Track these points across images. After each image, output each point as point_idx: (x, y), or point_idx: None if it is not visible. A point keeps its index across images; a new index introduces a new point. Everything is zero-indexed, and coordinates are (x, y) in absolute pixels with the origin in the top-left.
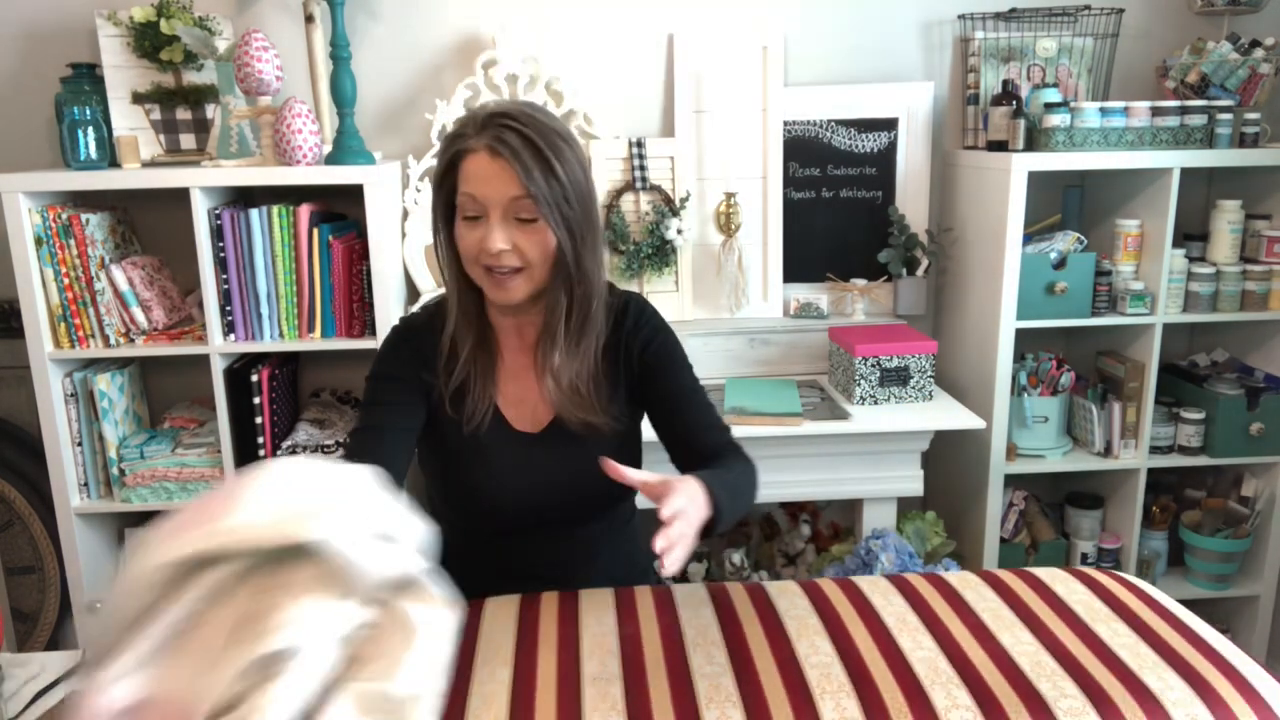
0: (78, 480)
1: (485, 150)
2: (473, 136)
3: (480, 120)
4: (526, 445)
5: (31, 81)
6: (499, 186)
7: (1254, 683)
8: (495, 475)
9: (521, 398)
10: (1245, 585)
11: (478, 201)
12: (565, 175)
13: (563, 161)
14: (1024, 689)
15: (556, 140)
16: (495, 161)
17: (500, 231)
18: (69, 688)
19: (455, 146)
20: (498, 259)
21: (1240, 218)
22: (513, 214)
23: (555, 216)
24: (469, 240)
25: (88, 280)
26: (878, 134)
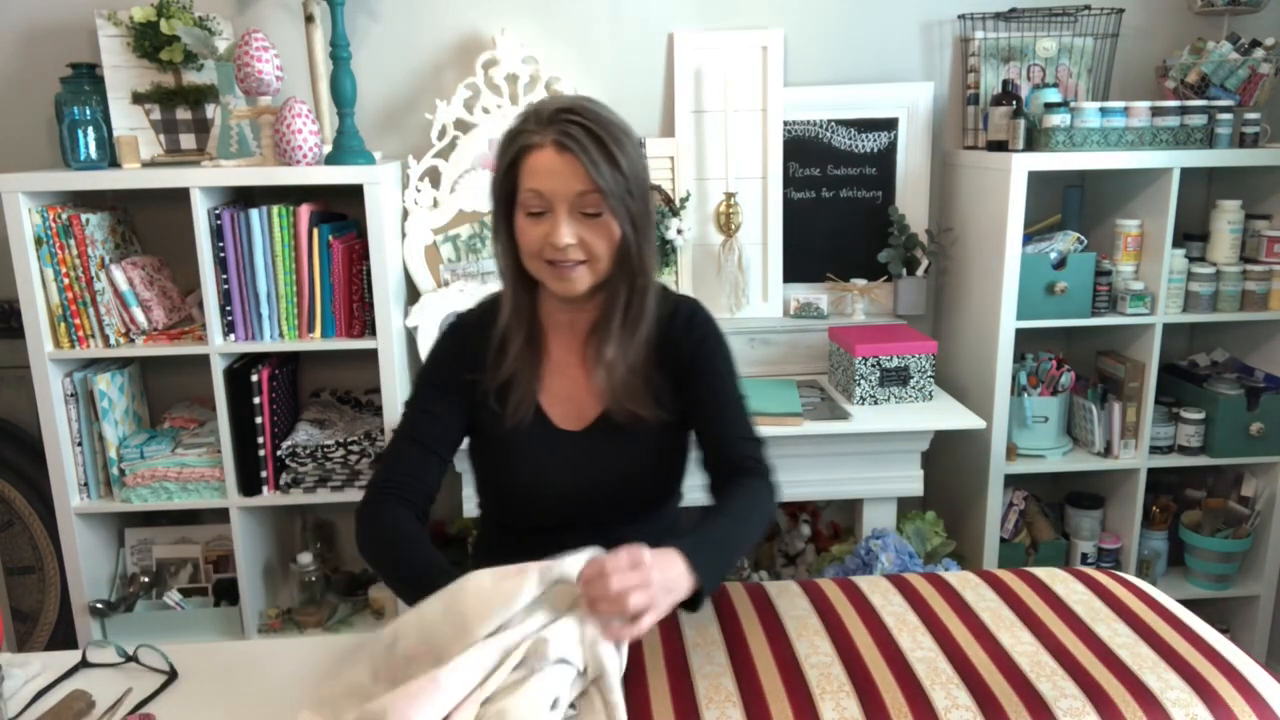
0: (78, 480)
1: (552, 145)
2: (536, 132)
3: (545, 116)
4: (568, 443)
5: (31, 81)
6: (566, 181)
7: (1254, 683)
8: (534, 471)
9: (567, 394)
10: (1245, 585)
11: (543, 197)
12: (628, 168)
13: (625, 154)
14: (1024, 689)
15: (618, 133)
16: (562, 156)
17: (567, 225)
18: (69, 687)
19: (519, 143)
20: (564, 253)
21: (1240, 218)
22: (579, 208)
23: (620, 209)
24: (533, 235)
25: (88, 280)
26: (878, 134)
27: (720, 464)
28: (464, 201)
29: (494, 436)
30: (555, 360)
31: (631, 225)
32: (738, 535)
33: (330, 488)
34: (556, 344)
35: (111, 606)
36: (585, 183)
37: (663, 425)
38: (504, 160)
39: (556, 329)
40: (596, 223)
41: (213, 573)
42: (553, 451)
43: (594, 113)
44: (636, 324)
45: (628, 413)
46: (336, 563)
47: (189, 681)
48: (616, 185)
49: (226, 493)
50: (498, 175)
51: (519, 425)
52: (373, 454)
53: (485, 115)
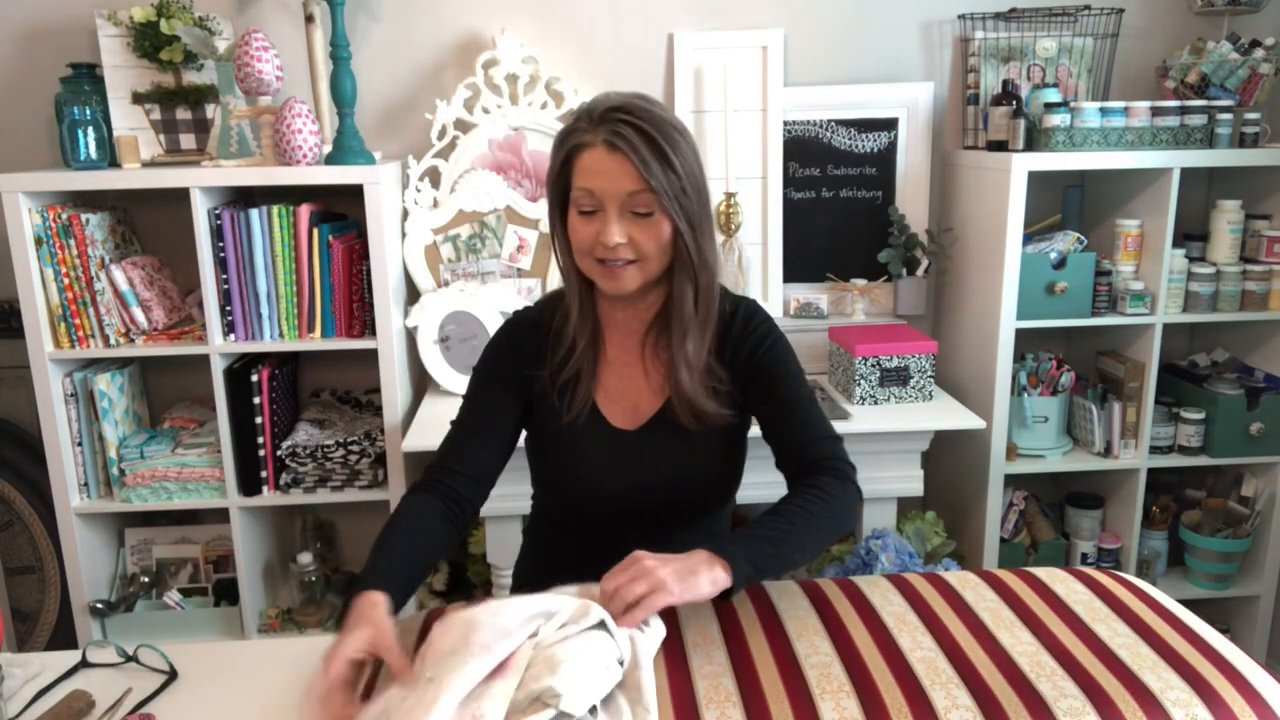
0: (78, 480)
1: (602, 145)
2: (588, 131)
3: (597, 115)
4: (622, 442)
5: (31, 81)
6: (617, 181)
7: (1254, 683)
8: (587, 470)
9: (622, 393)
10: (1245, 585)
11: (594, 196)
12: (681, 167)
13: (679, 153)
14: (1024, 689)
15: (671, 132)
16: (613, 156)
17: (617, 225)
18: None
19: (571, 141)
20: (613, 252)
21: (1240, 218)
22: (629, 208)
23: (675, 208)
24: (584, 233)
25: (88, 280)
26: (878, 134)
27: (798, 464)
28: (464, 201)
29: (550, 432)
30: (611, 359)
31: (687, 224)
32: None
33: (330, 488)
34: (612, 342)
35: (111, 606)
36: (636, 182)
37: (719, 426)
38: (557, 159)
39: (612, 327)
40: (648, 222)
41: (213, 573)
42: (607, 450)
43: (646, 111)
44: (706, 320)
45: (690, 411)
46: (336, 563)
47: (189, 681)
48: (669, 184)
49: (226, 493)
50: (552, 174)
51: (575, 422)
52: (373, 454)
53: (485, 115)
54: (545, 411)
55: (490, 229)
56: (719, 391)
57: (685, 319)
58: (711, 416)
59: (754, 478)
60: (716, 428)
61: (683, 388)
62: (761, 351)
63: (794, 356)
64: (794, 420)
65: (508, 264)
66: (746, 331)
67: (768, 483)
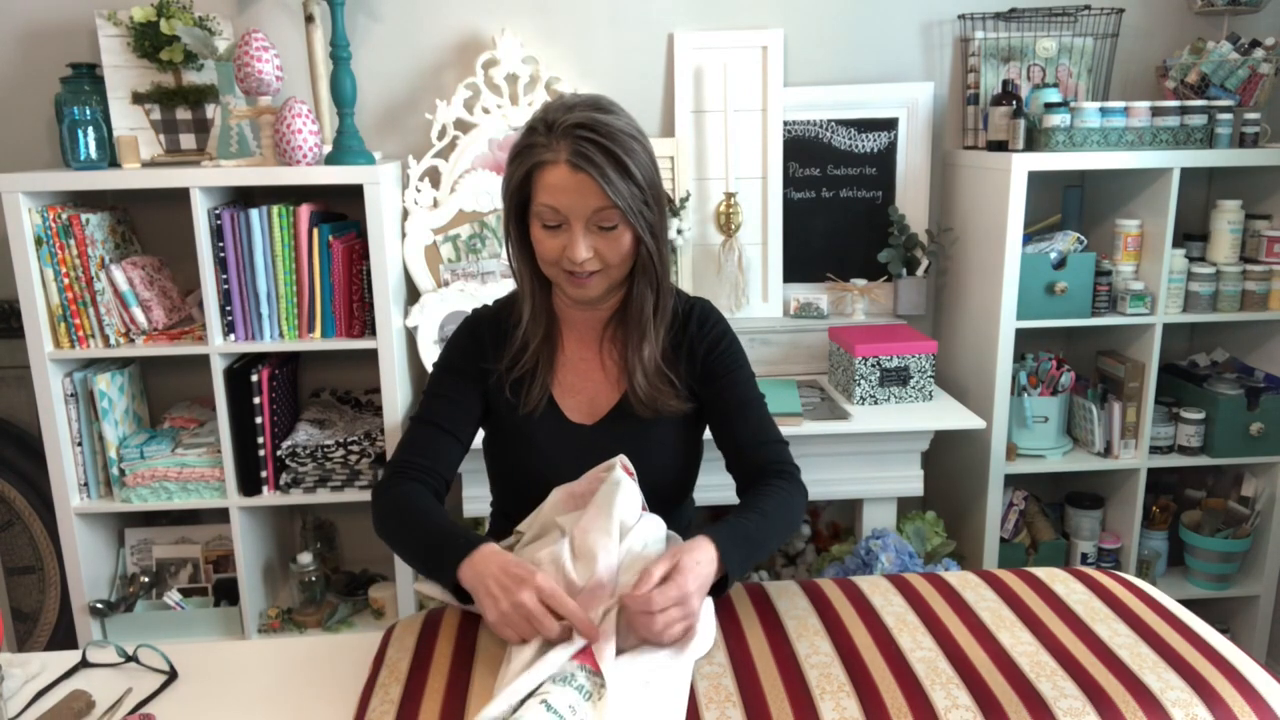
0: (78, 480)
1: (566, 165)
2: (549, 148)
3: (557, 129)
4: (579, 436)
5: (31, 81)
6: (582, 199)
7: (1254, 683)
8: (544, 464)
9: (579, 388)
10: (1245, 585)
11: (559, 213)
12: (641, 177)
13: (638, 164)
14: (1024, 689)
15: (630, 142)
16: (576, 175)
17: (584, 241)
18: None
19: (533, 158)
20: (581, 265)
21: (1240, 218)
22: (594, 223)
23: (639, 222)
24: (549, 246)
25: (88, 280)
26: (878, 134)
27: (748, 467)
28: (464, 201)
29: (507, 426)
30: (569, 354)
31: (650, 233)
32: (768, 531)
33: (330, 488)
34: (571, 339)
35: (111, 606)
36: (601, 200)
37: (675, 420)
38: (517, 172)
39: (571, 325)
40: (612, 234)
41: (213, 573)
42: (564, 444)
43: (606, 125)
44: (664, 321)
45: (651, 407)
46: (336, 563)
47: (189, 681)
48: (632, 198)
49: (226, 493)
50: (510, 185)
51: (532, 416)
52: (373, 454)
53: (485, 115)
54: (503, 406)
55: (490, 229)
56: (676, 388)
57: (644, 323)
58: (668, 412)
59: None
60: (673, 422)
61: (638, 390)
62: (717, 353)
63: (746, 359)
64: (746, 424)
65: (508, 264)
66: (702, 332)
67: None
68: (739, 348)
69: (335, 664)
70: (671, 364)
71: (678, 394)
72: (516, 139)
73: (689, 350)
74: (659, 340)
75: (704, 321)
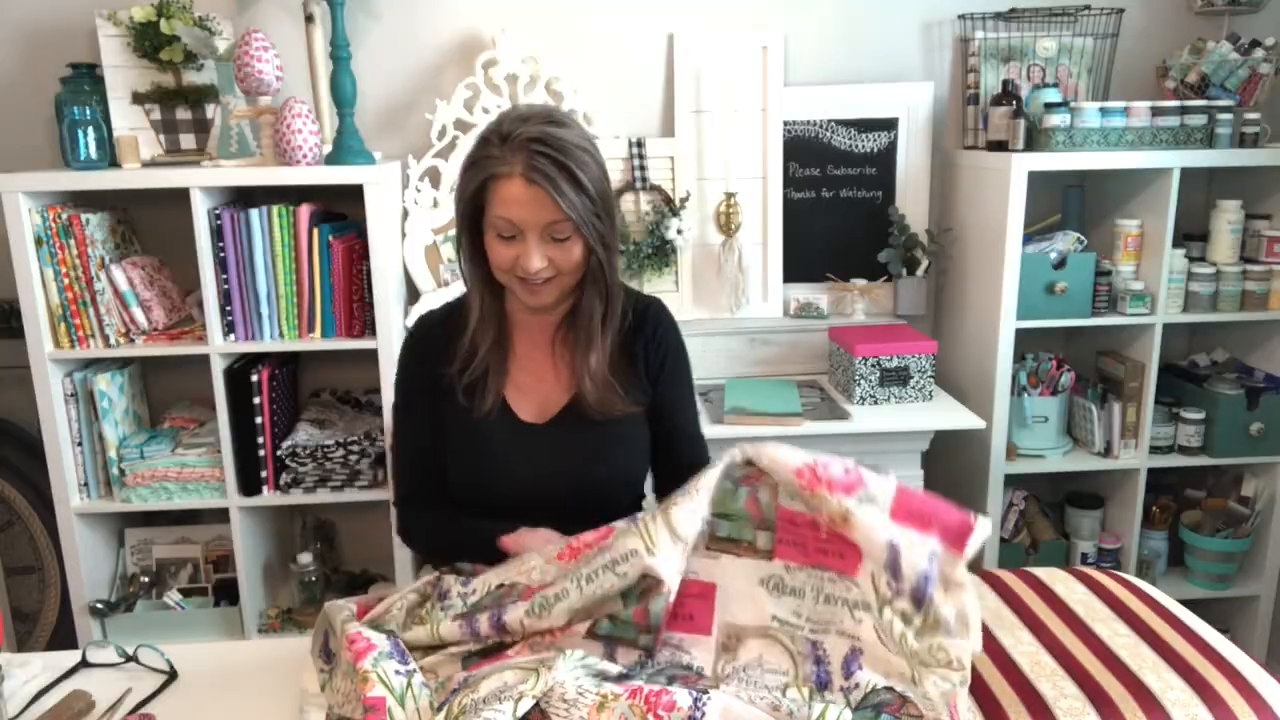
0: (78, 480)
1: (520, 178)
2: (503, 161)
3: (512, 142)
4: (531, 435)
5: (31, 81)
6: (536, 212)
7: (1254, 683)
8: (498, 463)
9: (532, 388)
10: (1245, 585)
11: (514, 224)
12: (594, 189)
13: (589, 176)
14: (1024, 689)
15: (582, 155)
16: (530, 189)
17: (538, 252)
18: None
19: (488, 170)
20: (535, 275)
21: (1240, 218)
22: (549, 234)
23: (591, 233)
24: (503, 256)
25: (88, 280)
26: (878, 134)
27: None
28: None
29: (461, 429)
30: (520, 356)
31: (601, 244)
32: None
33: (330, 488)
34: (521, 340)
35: (111, 606)
36: (555, 213)
37: (626, 418)
38: (471, 183)
39: (522, 327)
40: (565, 244)
41: (213, 573)
42: (517, 443)
43: (559, 140)
44: (611, 328)
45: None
46: (336, 563)
47: (189, 681)
48: (585, 210)
49: (226, 493)
50: (464, 197)
51: (485, 418)
52: (373, 454)
53: (485, 115)
54: (454, 409)
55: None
56: (621, 396)
57: (592, 330)
58: (618, 411)
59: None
60: (625, 420)
61: (587, 395)
62: (670, 356)
63: (689, 362)
64: (679, 420)
65: None
66: (656, 335)
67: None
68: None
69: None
70: (622, 366)
71: (624, 400)
72: (470, 150)
73: (644, 347)
74: (606, 347)
75: (658, 324)
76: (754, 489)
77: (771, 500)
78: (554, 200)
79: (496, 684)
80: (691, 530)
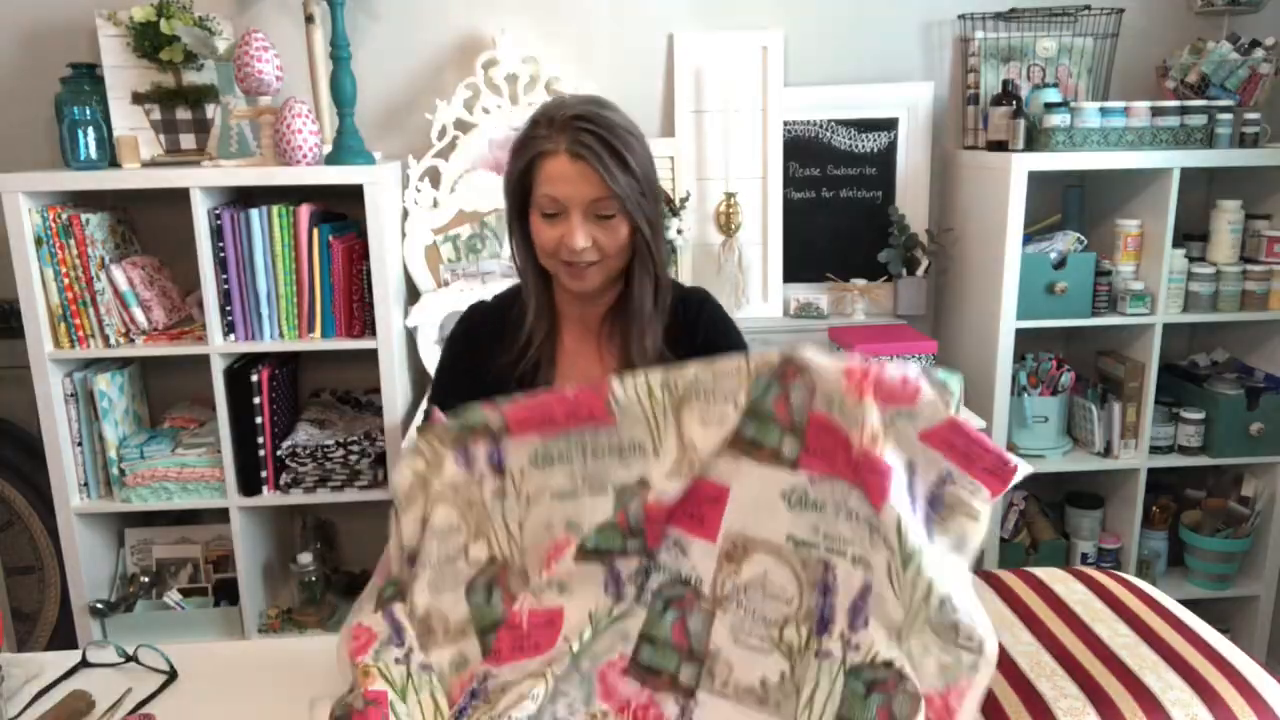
0: (78, 480)
1: (566, 154)
2: (549, 139)
3: (558, 122)
4: None
5: (31, 81)
6: (581, 188)
7: (1254, 683)
8: None
9: (578, 380)
10: (1245, 585)
11: (559, 202)
12: (639, 170)
13: (635, 158)
14: (1024, 689)
15: (628, 137)
16: (576, 164)
17: (582, 230)
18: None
19: (534, 149)
20: (579, 255)
21: (1240, 218)
22: (593, 212)
23: (637, 212)
24: (548, 236)
25: (88, 280)
26: (878, 134)
27: None
28: (464, 201)
29: None
30: (568, 349)
31: (647, 224)
32: None
33: (330, 488)
34: (569, 334)
35: (111, 606)
36: (600, 189)
37: None
38: (518, 164)
39: (569, 321)
40: (609, 224)
41: (213, 573)
42: None
43: (605, 119)
44: (663, 314)
45: None
46: (336, 563)
47: (189, 681)
48: (630, 189)
49: (226, 493)
50: (512, 178)
51: None
52: (373, 454)
53: (485, 115)
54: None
55: (490, 229)
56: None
57: (644, 316)
58: None
59: None
60: None
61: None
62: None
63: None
64: None
65: (508, 264)
66: (698, 317)
67: None
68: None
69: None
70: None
71: None
72: (518, 135)
73: (687, 336)
74: (658, 334)
75: (701, 307)
76: (787, 388)
77: (805, 402)
78: (599, 175)
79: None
80: (708, 449)
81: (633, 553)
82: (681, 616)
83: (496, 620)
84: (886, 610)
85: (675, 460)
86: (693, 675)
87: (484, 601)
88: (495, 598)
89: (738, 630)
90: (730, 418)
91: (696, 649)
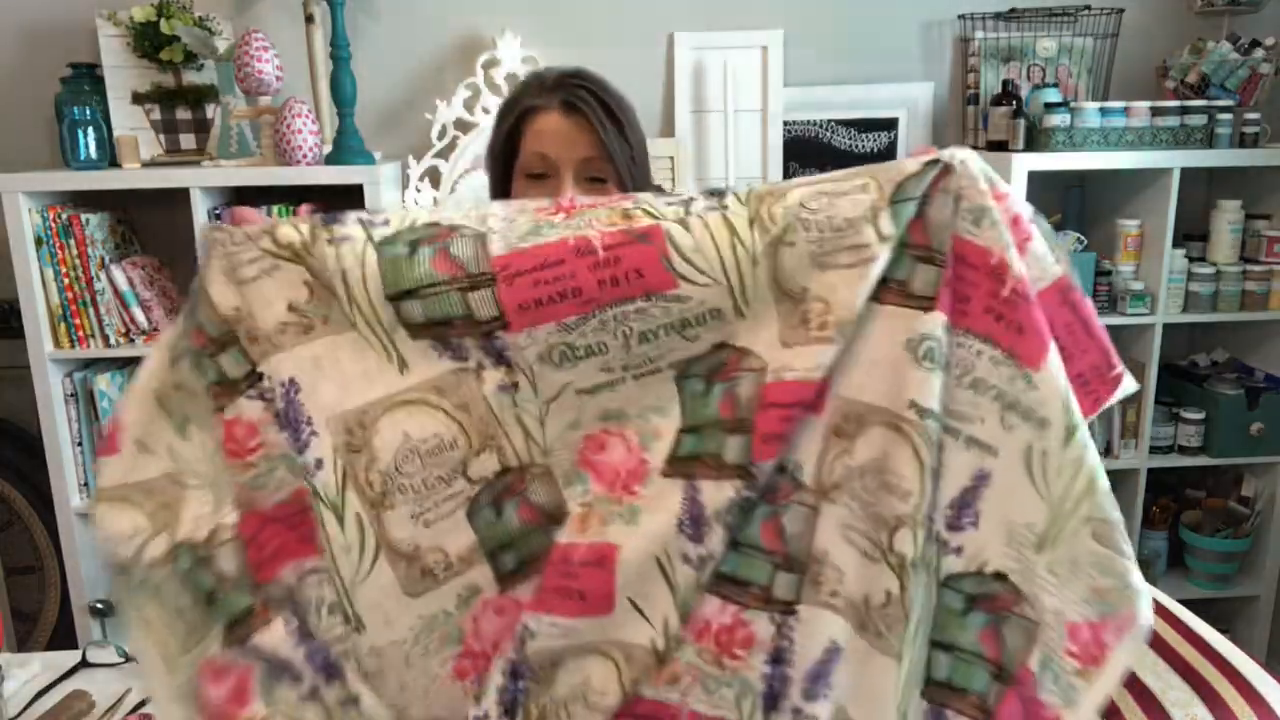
0: (78, 480)
1: (559, 109)
2: (540, 96)
3: (549, 82)
4: None
5: (31, 81)
6: (572, 145)
7: (1254, 683)
8: None
9: None
10: (1245, 585)
11: (548, 160)
12: (632, 138)
13: (631, 124)
14: None
15: (624, 103)
16: (569, 119)
17: (572, 193)
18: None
19: (522, 105)
20: None
21: (1240, 218)
22: (584, 174)
23: (627, 178)
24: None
25: (88, 280)
26: (878, 134)
27: None
28: (464, 201)
29: None
30: None
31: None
32: None
33: None
34: None
35: (111, 606)
36: (592, 147)
37: None
38: (504, 126)
39: None
40: (601, 189)
41: None
42: None
43: (599, 80)
44: None
45: None
46: None
47: None
48: (623, 151)
49: None
50: (496, 144)
51: None
52: None
53: (485, 115)
54: None
55: None
56: None
57: None
58: None
59: None
60: None
61: None
62: None
63: None
64: None
65: None
66: None
67: None
68: None
69: None
70: None
71: None
72: (503, 101)
73: None
74: None
75: None
76: (926, 206)
77: (948, 219)
78: (593, 129)
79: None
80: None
81: (731, 464)
82: (775, 514)
83: (511, 535)
84: (1014, 507)
85: (791, 323)
86: (791, 587)
87: (493, 518)
88: (508, 511)
89: (849, 529)
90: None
91: (796, 554)
